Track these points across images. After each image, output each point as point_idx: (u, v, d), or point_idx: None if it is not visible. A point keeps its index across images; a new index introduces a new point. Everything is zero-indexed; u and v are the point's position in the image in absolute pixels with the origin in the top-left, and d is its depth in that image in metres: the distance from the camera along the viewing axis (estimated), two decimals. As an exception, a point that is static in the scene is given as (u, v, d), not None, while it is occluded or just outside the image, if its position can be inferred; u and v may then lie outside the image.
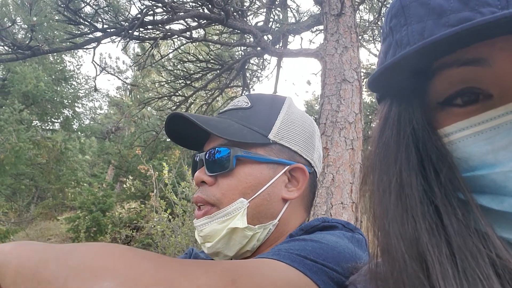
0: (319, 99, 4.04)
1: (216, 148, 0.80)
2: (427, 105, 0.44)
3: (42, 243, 0.57)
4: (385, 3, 6.16)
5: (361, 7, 6.39)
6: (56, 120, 12.55)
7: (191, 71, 6.43)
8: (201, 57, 6.07)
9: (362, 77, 4.07)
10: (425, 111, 0.44)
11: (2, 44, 3.73)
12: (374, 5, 6.73)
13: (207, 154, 0.81)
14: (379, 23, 6.49)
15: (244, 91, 6.28)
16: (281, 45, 5.51)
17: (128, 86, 15.64)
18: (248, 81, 6.46)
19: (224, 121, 0.82)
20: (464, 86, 0.40)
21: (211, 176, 0.80)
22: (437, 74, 0.41)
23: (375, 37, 7.62)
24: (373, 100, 10.73)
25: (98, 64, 4.93)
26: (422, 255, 0.38)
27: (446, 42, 0.36)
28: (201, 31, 5.91)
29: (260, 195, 0.77)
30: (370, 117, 9.95)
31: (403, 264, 0.39)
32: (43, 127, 12.14)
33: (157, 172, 7.17)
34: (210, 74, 6.34)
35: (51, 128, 12.55)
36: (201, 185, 0.82)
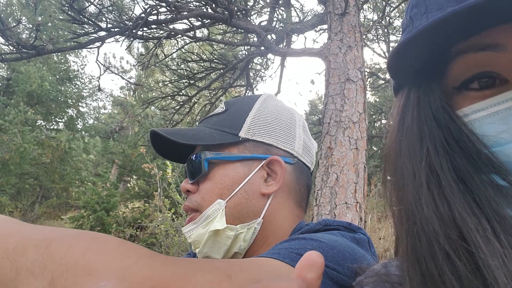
0: (323, 99, 4.03)
1: (191, 156, 0.82)
2: (443, 89, 0.44)
3: (11, 220, 0.50)
4: (388, 2, 6.14)
5: (365, 6, 6.37)
6: (60, 120, 12.60)
7: (195, 71, 6.44)
8: (204, 56, 6.07)
9: (366, 77, 4.06)
10: (442, 96, 0.44)
11: (7, 43, 3.74)
12: (378, 4, 6.71)
13: (187, 163, 0.84)
14: (383, 22, 6.48)
15: (248, 91, 6.28)
16: (284, 44, 5.50)
17: (132, 86, 15.69)
18: (252, 81, 6.46)
19: (196, 129, 0.84)
20: (480, 71, 0.41)
21: (193, 183, 0.82)
22: (455, 59, 0.42)
23: (379, 36, 7.60)
24: (377, 100, 10.71)
25: (102, 64, 4.94)
26: (463, 235, 0.36)
27: (463, 20, 0.37)
28: (205, 31, 5.91)
29: (237, 193, 0.77)
30: (374, 116, 9.93)
31: (437, 245, 0.38)
32: (47, 126, 12.19)
33: (161, 172, 7.18)
34: (213, 73, 6.34)
35: (55, 127, 12.61)
36: (187, 194, 0.83)
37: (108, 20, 4.28)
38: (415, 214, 0.41)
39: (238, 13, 4.73)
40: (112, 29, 4.26)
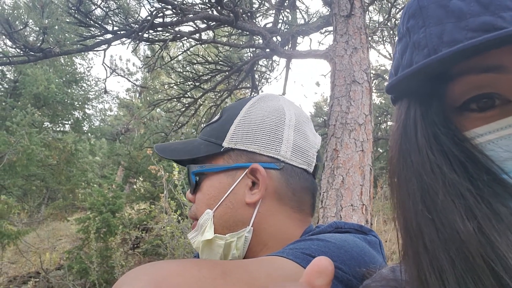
0: (328, 101, 4.03)
1: (186, 169, 0.86)
2: (443, 107, 0.43)
3: None
4: (394, 3, 6.12)
5: (370, 8, 6.36)
6: (66, 122, 12.69)
7: (200, 73, 6.45)
8: (210, 58, 6.09)
9: (372, 78, 4.05)
10: (444, 114, 0.43)
11: (14, 46, 3.77)
12: (384, 6, 6.69)
13: (184, 175, 0.88)
14: (388, 24, 6.46)
15: (253, 93, 6.28)
16: (290, 46, 5.50)
17: (138, 88, 15.74)
18: (257, 83, 6.46)
19: (187, 141, 0.89)
20: (482, 92, 0.40)
21: (192, 193, 0.85)
22: (456, 79, 0.41)
23: (384, 38, 7.59)
24: (383, 101, 10.68)
25: (108, 66, 4.97)
26: (496, 256, 0.35)
27: (471, 49, 0.36)
28: (210, 33, 5.93)
29: (223, 203, 0.78)
30: (380, 118, 9.90)
31: (458, 258, 0.36)
32: (54, 128, 12.27)
33: (167, 173, 7.19)
34: (219, 75, 6.35)
35: (61, 129, 12.69)
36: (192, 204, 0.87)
37: (114, 23, 4.30)
38: (430, 229, 0.39)
39: (244, 16, 4.74)
40: (119, 32, 4.28)
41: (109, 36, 4.30)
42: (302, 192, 0.82)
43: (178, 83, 6.40)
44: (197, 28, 4.91)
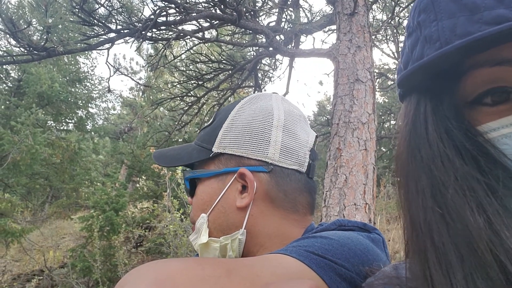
0: (331, 99, 4.02)
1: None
2: (454, 102, 0.43)
3: None
4: (398, 2, 6.11)
5: (374, 6, 6.34)
6: (70, 121, 12.73)
7: (203, 72, 6.45)
8: (213, 57, 6.08)
9: (375, 77, 4.04)
10: (456, 109, 0.42)
11: (18, 45, 3.79)
12: (387, 4, 6.67)
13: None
14: (392, 22, 6.44)
15: (256, 91, 6.28)
16: (293, 45, 5.49)
17: (141, 87, 15.78)
18: (260, 82, 6.46)
19: (182, 147, 0.91)
20: (495, 86, 0.40)
21: (192, 198, 0.88)
22: (468, 73, 0.40)
23: (388, 36, 7.56)
24: (386, 100, 10.65)
25: (111, 65, 4.98)
26: (503, 247, 0.34)
27: (484, 41, 0.35)
28: (214, 32, 5.93)
29: (215, 208, 0.79)
30: (383, 117, 9.87)
31: (467, 251, 0.36)
32: (57, 127, 12.32)
33: (170, 172, 7.21)
34: (222, 74, 6.35)
35: (65, 128, 12.74)
36: None
37: (117, 21, 4.31)
38: (438, 224, 0.39)
39: (247, 14, 4.73)
40: (122, 31, 4.29)
41: (112, 35, 4.31)
42: (295, 193, 0.80)
43: (181, 81, 6.41)
44: (200, 27, 4.91)
